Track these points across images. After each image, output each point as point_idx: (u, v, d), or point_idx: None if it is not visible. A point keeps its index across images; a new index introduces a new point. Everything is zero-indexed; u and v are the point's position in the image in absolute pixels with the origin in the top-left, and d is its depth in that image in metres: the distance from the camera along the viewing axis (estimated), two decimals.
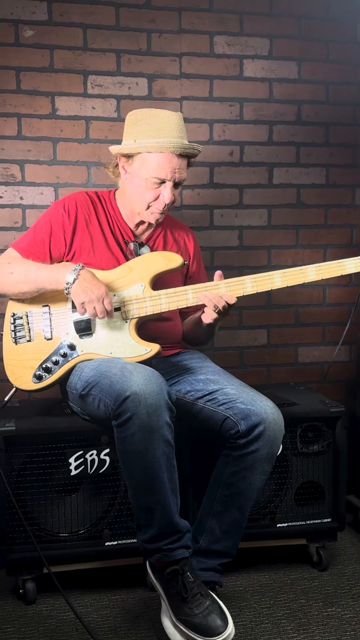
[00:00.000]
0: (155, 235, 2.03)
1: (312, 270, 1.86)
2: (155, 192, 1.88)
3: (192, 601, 1.66)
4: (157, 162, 1.84)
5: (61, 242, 1.93)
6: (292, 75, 2.51)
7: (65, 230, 1.92)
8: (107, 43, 2.33)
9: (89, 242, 1.94)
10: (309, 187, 2.57)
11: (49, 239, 1.92)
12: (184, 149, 1.85)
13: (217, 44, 2.43)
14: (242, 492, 1.80)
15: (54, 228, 1.93)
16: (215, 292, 1.85)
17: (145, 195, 1.89)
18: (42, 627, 1.83)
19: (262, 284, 1.85)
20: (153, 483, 1.66)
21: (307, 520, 2.12)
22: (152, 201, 1.89)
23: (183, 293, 1.87)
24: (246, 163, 2.50)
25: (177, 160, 1.85)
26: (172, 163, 1.85)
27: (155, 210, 1.91)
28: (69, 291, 1.81)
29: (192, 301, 1.87)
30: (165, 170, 1.85)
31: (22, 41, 2.27)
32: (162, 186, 1.87)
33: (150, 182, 1.86)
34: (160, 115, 1.87)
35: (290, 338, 2.60)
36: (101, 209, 1.98)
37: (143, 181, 1.87)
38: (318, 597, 1.98)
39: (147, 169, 1.86)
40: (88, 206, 1.95)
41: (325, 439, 2.12)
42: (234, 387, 1.85)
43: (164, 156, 1.84)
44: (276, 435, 1.78)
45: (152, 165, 1.85)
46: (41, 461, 1.92)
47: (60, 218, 1.93)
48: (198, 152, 1.91)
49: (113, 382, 1.68)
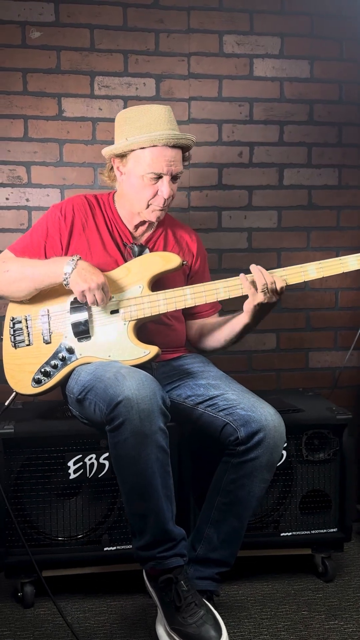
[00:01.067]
0: (155, 236, 2.01)
1: (313, 268, 1.81)
2: (153, 188, 1.85)
3: (186, 610, 1.63)
4: (151, 156, 1.82)
5: (57, 245, 1.92)
6: (303, 74, 2.46)
7: (61, 233, 1.92)
8: (114, 44, 2.32)
9: (85, 246, 1.93)
10: (320, 188, 2.51)
11: (44, 242, 1.92)
12: (177, 139, 1.82)
13: (226, 43, 2.40)
14: (240, 501, 1.76)
15: (51, 231, 1.92)
16: (213, 292, 1.82)
17: (143, 193, 1.86)
18: (38, 631, 1.82)
19: None
20: (146, 489, 1.63)
21: (312, 530, 2.07)
22: (151, 198, 1.86)
23: (181, 294, 1.84)
24: (256, 164, 2.46)
25: (171, 152, 1.82)
26: (166, 156, 1.82)
27: (155, 208, 1.88)
28: (68, 282, 1.79)
29: (191, 302, 1.84)
30: (160, 163, 1.82)
31: (29, 43, 2.27)
32: (160, 181, 1.84)
33: (147, 178, 1.84)
34: (149, 110, 1.85)
35: (300, 342, 2.55)
36: (99, 212, 1.96)
37: (140, 179, 1.85)
38: (321, 609, 1.93)
39: (142, 166, 1.83)
40: (85, 210, 1.94)
41: (331, 447, 2.06)
42: (235, 393, 1.82)
43: (157, 150, 1.82)
44: (276, 442, 1.74)
45: (146, 161, 1.82)
46: (40, 464, 1.90)
47: (57, 221, 1.92)
48: (192, 142, 1.88)
49: (107, 387, 1.66)
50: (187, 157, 1.92)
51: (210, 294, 1.84)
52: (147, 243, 1.99)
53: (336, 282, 2.55)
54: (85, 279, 1.77)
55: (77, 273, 1.78)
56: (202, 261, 2.08)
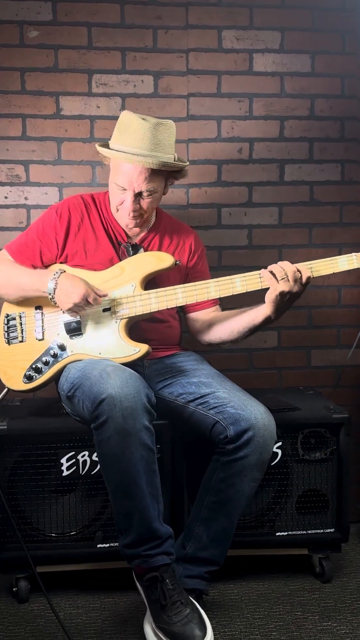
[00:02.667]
0: (150, 236, 2.00)
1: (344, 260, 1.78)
2: (120, 197, 1.88)
3: (171, 609, 1.63)
4: (120, 169, 1.85)
5: (52, 245, 1.94)
6: (304, 68, 2.42)
7: (57, 234, 1.94)
8: (112, 41, 2.32)
9: (81, 246, 1.94)
10: (322, 184, 2.48)
11: (40, 243, 1.95)
12: (143, 160, 1.79)
13: (225, 38, 2.38)
14: (230, 499, 1.75)
15: (46, 231, 1.95)
16: (204, 292, 1.81)
17: (113, 197, 1.91)
18: (30, 626, 1.83)
19: (251, 283, 1.80)
20: (130, 487, 1.63)
21: (308, 530, 2.05)
22: (119, 205, 1.89)
23: (173, 292, 1.84)
24: (256, 160, 2.43)
25: (135, 170, 1.81)
26: (131, 174, 1.82)
27: (123, 215, 1.89)
28: (54, 301, 1.83)
29: (182, 301, 1.84)
30: (123, 178, 1.84)
31: (26, 42, 2.28)
32: (125, 193, 1.86)
33: (114, 185, 1.87)
34: (132, 124, 1.83)
35: (302, 340, 2.52)
36: (95, 212, 1.98)
37: (112, 183, 1.89)
38: (315, 610, 1.90)
39: (113, 173, 1.88)
40: (81, 210, 1.96)
41: (328, 446, 2.03)
42: (226, 391, 1.81)
43: (125, 166, 1.83)
44: (266, 441, 1.73)
45: (115, 171, 1.87)
46: (34, 461, 1.92)
47: (53, 222, 1.94)
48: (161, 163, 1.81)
49: (92, 384, 1.67)
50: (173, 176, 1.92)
51: (202, 293, 1.84)
52: (142, 242, 1.99)
53: (339, 279, 2.51)
54: (68, 296, 1.79)
55: (59, 291, 1.80)
56: (200, 258, 2.07)
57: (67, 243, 1.94)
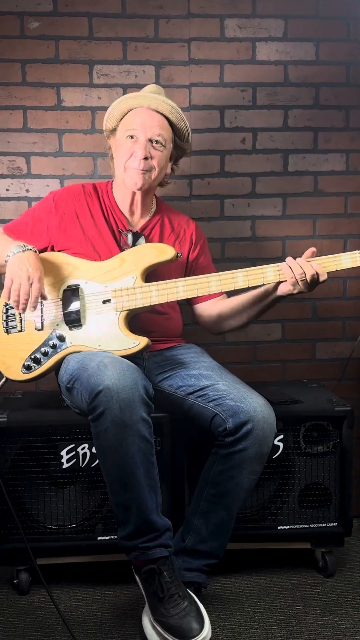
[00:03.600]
0: (151, 224, 2.00)
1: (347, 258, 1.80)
2: (129, 149, 1.88)
3: (169, 602, 1.62)
4: (130, 119, 1.90)
5: (43, 230, 1.94)
6: (308, 56, 2.39)
7: (49, 219, 1.94)
8: (113, 31, 2.30)
9: (79, 233, 1.93)
10: (327, 174, 2.44)
11: (32, 224, 1.95)
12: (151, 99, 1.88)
13: (227, 27, 2.35)
14: (229, 492, 1.73)
15: (40, 215, 1.96)
16: (206, 286, 1.80)
17: (121, 156, 1.90)
18: (30, 618, 1.84)
19: (254, 279, 1.78)
20: (128, 479, 1.63)
21: (311, 524, 2.03)
22: (128, 159, 1.88)
23: (174, 286, 1.82)
24: (259, 150, 2.40)
25: (148, 114, 1.88)
26: (143, 117, 1.88)
27: (132, 170, 1.88)
28: (7, 260, 1.78)
29: (183, 294, 1.82)
30: (134, 123, 1.88)
31: (27, 33, 2.26)
32: (135, 143, 1.87)
33: (125, 141, 1.88)
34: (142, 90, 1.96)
35: (306, 333, 2.49)
36: (95, 200, 1.97)
37: (121, 145, 1.89)
38: (317, 605, 1.89)
39: (123, 131, 1.91)
40: (79, 198, 1.96)
41: (331, 439, 2.01)
42: (226, 384, 1.79)
43: (135, 112, 1.90)
44: (265, 434, 1.71)
45: (126, 125, 1.90)
46: (34, 453, 1.92)
47: (48, 207, 1.95)
48: (172, 108, 1.91)
49: (90, 376, 1.66)
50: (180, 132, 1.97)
51: (203, 287, 1.83)
52: (143, 230, 1.98)
53: (344, 271, 2.43)
54: (20, 265, 1.74)
55: (17, 257, 1.77)
56: (202, 248, 2.06)
57: (61, 230, 1.93)
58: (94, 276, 1.87)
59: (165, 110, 1.91)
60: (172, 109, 1.91)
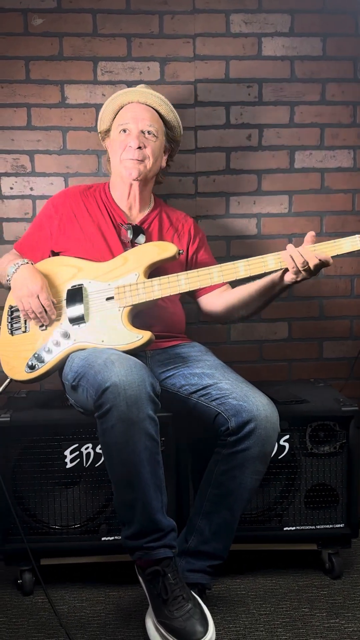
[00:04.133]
0: (150, 218, 2.01)
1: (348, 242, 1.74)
2: (123, 143, 1.93)
3: (173, 604, 1.60)
4: (122, 115, 1.96)
5: (47, 236, 1.99)
6: (315, 52, 2.36)
7: (51, 224, 1.97)
8: (117, 28, 2.28)
9: (78, 232, 1.94)
10: (334, 170, 2.41)
11: (37, 233, 2.00)
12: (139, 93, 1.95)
13: (233, 22, 2.32)
14: (232, 492, 1.71)
15: (42, 222, 2.00)
16: (207, 277, 1.79)
17: (116, 149, 1.94)
18: (33, 619, 1.82)
19: (255, 268, 1.77)
20: (133, 478, 1.61)
21: (317, 525, 2.00)
22: (122, 152, 1.92)
23: (175, 279, 1.81)
24: (265, 147, 2.38)
25: (139, 108, 1.95)
26: (134, 111, 1.94)
27: (127, 161, 1.93)
28: (9, 285, 1.88)
29: (185, 287, 1.82)
30: (125, 117, 1.94)
31: (31, 30, 2.26)
32: (128, 135, 1.94)
33: (118, 135, 1.94)
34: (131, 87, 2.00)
35: (313, 332, 2.47)
36: (92, 199, 2.00)
37: (115, 140, 1.95)
38: (323, 607, 1.86)
39: (116, 127, 1.96)
40: (76, 198, 1.99)
41: (337, 440, 1.98)
42: (229, 382, 1.77)
43: (126, 108, 1.97)
44: (268, 433, 1.68)
45: (118, 121, 1.96)
46: (38, 453, 1.90)
47: (48, 213, 2.00)
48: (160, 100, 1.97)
49: (96, 373, 1.64)
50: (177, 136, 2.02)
51: (205, 279, 1.82)
52: (142, 224, 1.99)
53: (352, 269, 2.45)
54: (21, 286, 1.84)
55: (15, 278, 1.86)
56: (201, 241, 2.07)
57: (62, 231, 1.96)
58: (97, 276, 1.88)
59: (154, 103, 1.97)
60: (161, 101, 1.97)
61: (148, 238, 1.97)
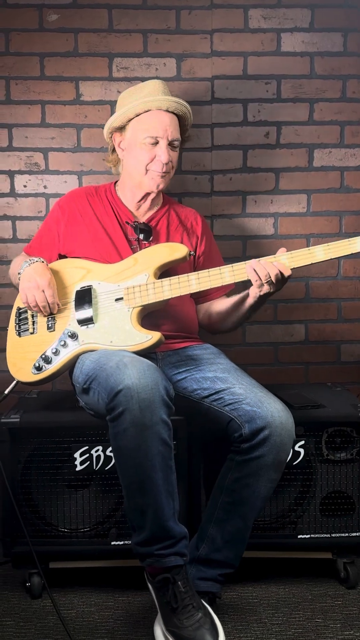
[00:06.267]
0: (158, 216, 1.99)
1: (321, 250, 1.73)
2: (150, 153, 1.87)
3: (183, 613, 1.56)
4: (147, 120, 1.88)
5: (55, 238, 1.98)
6: (336, 47, 2.30)
7: (58, 226, 1.97)
8: (133, 23, 2.25)
9: (85, 233, 1.93)
10: (354, 169, 2.35)
11: (45, 235, 2.00)
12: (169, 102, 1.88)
13: (252, 18, 2.27)
14: (245, 500, 1.67)
15: (50, 224, 2.00)
16: (218, 277, 1.75)
17: (142, 158, 1.88)
18: (41, 623, 1.80)
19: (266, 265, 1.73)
20: (145, 483, 1.57)
21: (332, 533, 1.95)
22: (149, 163, 1.87)
23: (186, 280, 1.78)
24: (283, 145, 2.33)
25: (166, 116, 1.88)
26: (162, 119, 1.87)
27: (154, 173, 1.88)
28: (20, 277, 1.86)
29: (195, 287, 1.78)
30: (156, 126, 1.87)
31: (46, 26, 2.23)
32: (157, 146, 1.86)
33: (144, 144, 1.87)
34: (144, 85, 1.93)
35: (331, 334, 2.41)
36: (97, 199, 1.98)
37: (138, 147, 1.88)
38: (337, 618, 1.81)
39: (139, 132, 1.88)
40: (82, 199, 1.98)
41: (354, 446, 1.93)
42: (243, 387, 1.72)
43: (152, 114, 1.88)
44: (283, 440, 1.64)
45: (143, 126, 1.88)
46: (48, 455, 1.88)
47: (56, 215, 1.99)
48: (185, 109, 1.92)
49: (108, 375, 1.61)
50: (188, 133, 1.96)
51: (216, 279, 1.78)
52: (150, 222, 1.97)
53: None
54: (29, 278, 1.82)
55: (26, 272, 1.85)
56: (208, 242, 2.04)
57: (69, 233, 1.95)
58: (107, 277, 1.86)
59: (178, 110, 1.91)
60: (184, 109, 1.92)
61: (156, 236, 1.95)
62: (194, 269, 1.96)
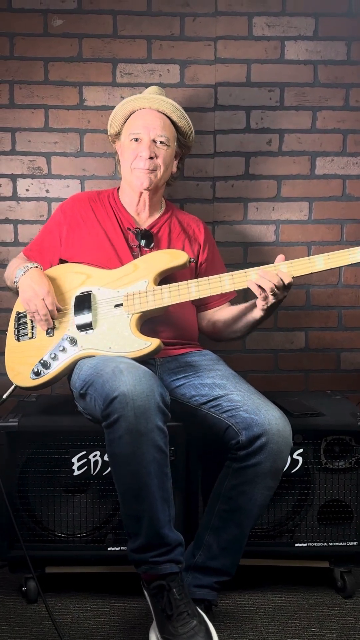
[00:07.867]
0: (160, 222, 1.99)
1: (321, 260, 1.73)
2: (134, 151, 1.89)
3: (177, 620, 1.55)
4: (132, 121, 1.93)
5: (56, 242, 1.98)
6: (339, 56, 2.31)
7: (60, 230, 1.97)
8: (137, 29, 2.25)
9: (86, 238, 1.93)
10: (356, 177, 2.35)
11: (46, 239, 2.00)
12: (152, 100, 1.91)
13: (256, 25, 2.28)
14: (241, 508, 1.67)
15: (52, 228, 2.00)
16: (218, 285, 1.75)
17: (127, 156, 1.92)
18: (37, 628, 1.79)
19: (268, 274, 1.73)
20: (140, 490, 1.57)
21: (330, 542, 1.94)
22: (134, 160, 1.89)
23: (186, 287, 1.78)
24: (286, 152, 2.33)
25: (150, 115, 1.91)
26: (145, 118, 1.91)
27: (138, 170, 1.90)
28: (17, 287, 1.87)
29: (195, 295, 1.78)
30: (138, 125, 1.90)
31: (50, 31, 2.24)
32: (139, 143, 1.89)
33: (130, 143, 1.90)
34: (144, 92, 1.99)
35: (332, 342, 2.41)
36: (100, 204, 1.99)
37: (125, 148, 1.91)
38: (333, 627, 1.80)
39: (126, 134, 1.93)
40: (84, 204, 1.98)
41: (353, 455, 1.92)
42: (241, 394, 1.72)
43: (137, 114, 1.93)
44: (280, 448, 1.63)
45: (129, 127, 1.93)
46: (45, 459, 1.87)
47: (57, 218, 1.99)
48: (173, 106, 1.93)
49: (104, 382, 1.61)
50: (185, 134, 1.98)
51: (215, 287, 1.78)
52: (152, 229, 1.97)
53: None
54: (27, 288, 1.83)
55: (23, 280, 1.85)
56: (211, 249, 2.04)
57: (71, 237, 1.95)
58: (106, 283, 1.86)
59: (167, 110, 1.93)
60: (173, 108, 1.93)
61: (157, 243, 1.95)
62: (195, 276, 1.96)
